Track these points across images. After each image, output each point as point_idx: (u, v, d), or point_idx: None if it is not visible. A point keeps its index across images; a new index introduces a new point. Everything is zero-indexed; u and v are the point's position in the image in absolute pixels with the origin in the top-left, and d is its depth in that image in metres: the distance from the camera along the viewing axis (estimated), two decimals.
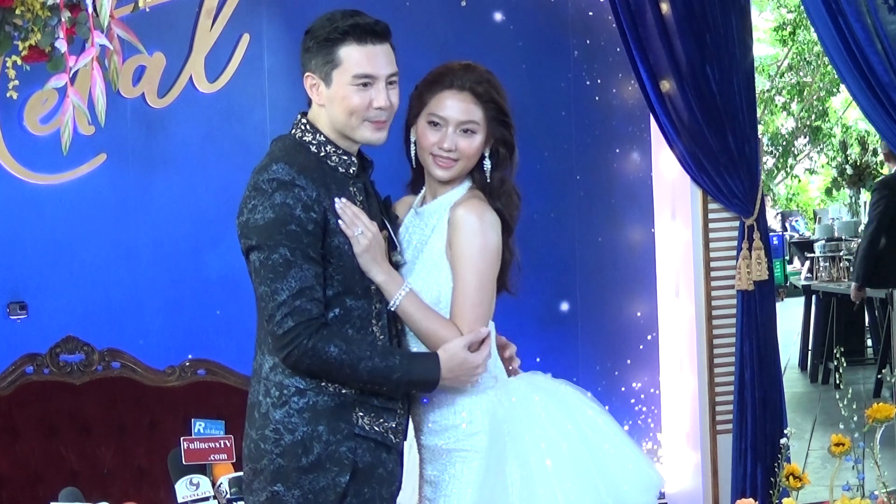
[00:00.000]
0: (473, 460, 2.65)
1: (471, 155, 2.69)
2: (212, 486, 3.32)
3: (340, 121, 2.59)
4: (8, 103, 4.05)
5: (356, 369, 2.50)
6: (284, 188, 2.49)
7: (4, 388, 4.03)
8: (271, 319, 2.49)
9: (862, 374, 8.34)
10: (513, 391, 2.71)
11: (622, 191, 4.92)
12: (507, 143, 2.73)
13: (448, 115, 2.66)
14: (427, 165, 2.71)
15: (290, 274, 2.47)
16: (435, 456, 2.71)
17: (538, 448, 2.63)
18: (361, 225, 2.55)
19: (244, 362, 4.08)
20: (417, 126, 2.71)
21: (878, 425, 3.41)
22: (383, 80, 2.58)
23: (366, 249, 2.56)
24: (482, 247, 2.63)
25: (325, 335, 2.48)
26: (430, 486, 2.73)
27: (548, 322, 4.81)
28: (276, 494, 2.54)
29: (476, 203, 2.67)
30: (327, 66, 2.56)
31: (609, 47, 4.83)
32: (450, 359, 2.58)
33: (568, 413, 2.71)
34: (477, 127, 2.68)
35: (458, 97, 2.67)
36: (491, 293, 2.67)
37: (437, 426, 2.69)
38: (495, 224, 2.66)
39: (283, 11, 4.51)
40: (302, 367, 2.51)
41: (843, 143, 12.21)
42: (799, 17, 15.51)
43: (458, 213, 2.64)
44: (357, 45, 2.55)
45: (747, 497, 4.25)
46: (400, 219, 2.80)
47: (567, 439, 2.65)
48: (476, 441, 2.66)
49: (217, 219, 4.38)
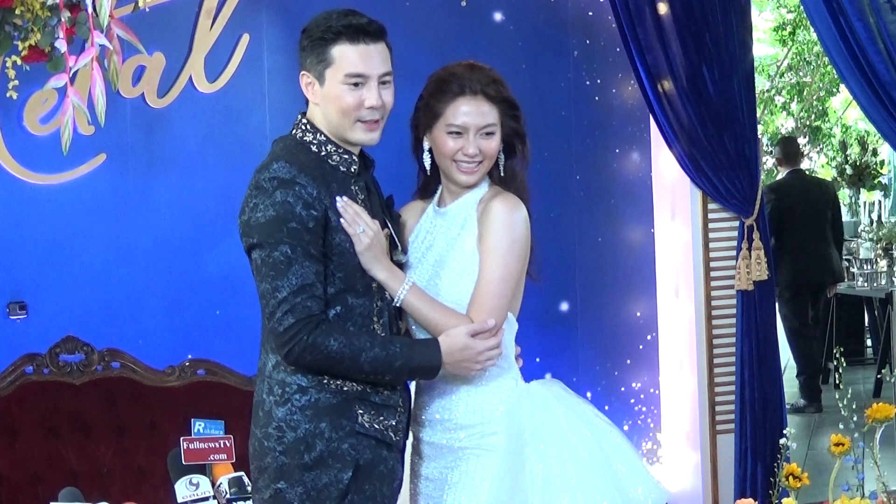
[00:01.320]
0: (489, 459, 2.65)
1: (492, 154, 2.72)
2: (211, 486, 3.32)
3: (333, 120, 2.60)
4: (8, 103, 4.05)
5: (357, 361, 2.50)
6: (285, 186, 2.50)
7: (4, 388, 4.03)
8: (272, 317, 2.50)
9: (862, 374, 8.34)
10: (534, 394, 2.71)
11: (622, 191, 4.92)
12: (519, 134, 2.75)
13: (468, 123, 2.67)
14: (449, 172, 2.72)
15: (290, 271, 2.48)
16: (441, 453, 2.70)
17: (559, 451, 2.63)
18: (363, 223, 2.56)
19: (244, 362, 4.10)
20: (433, 135, 2.71)
21: (878, 425, 3.41)
22: (375, 80, 2.58)
23: (367, 248, 2.56)
24: (512, 240, 2.65)
25: (325, 330, 2.49)
26: (432, 483, 2.72)
27: (548, 322, 4.81)
28: (280, 492, 2.54)
29: (510, 197, 2.69)
30: (321, 65, 2.58)
31: (609, 47, 4.83)
32: (451, 343, 2.57)
33: (586, 421, 2.72)
34: (495, 128, 2.70)
35: (472, 103, 2.68)
36: (513, 288, 2.67)
37: (450, 424, 2.68)
38: (526, 219, 2.69)
39: (283, 11, 4.50)
40: (303, 363, 2.51)
41: (842, 143, 12.20)
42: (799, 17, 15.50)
43: (493, 206, 2.66)
44: (350, 45, 2.56)
45: (747, 497, 4.25)
46: (403, 219, 2.81)
47: (587, 447, 2.66)
48: (493, 440, 2.65)
49: (217, 219, 4.38)
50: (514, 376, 2.73)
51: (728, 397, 4.61)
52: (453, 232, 2.71)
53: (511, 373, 2.73)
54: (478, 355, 2.59)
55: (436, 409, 2.70)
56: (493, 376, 2.69)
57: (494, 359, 2.63)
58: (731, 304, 4.62)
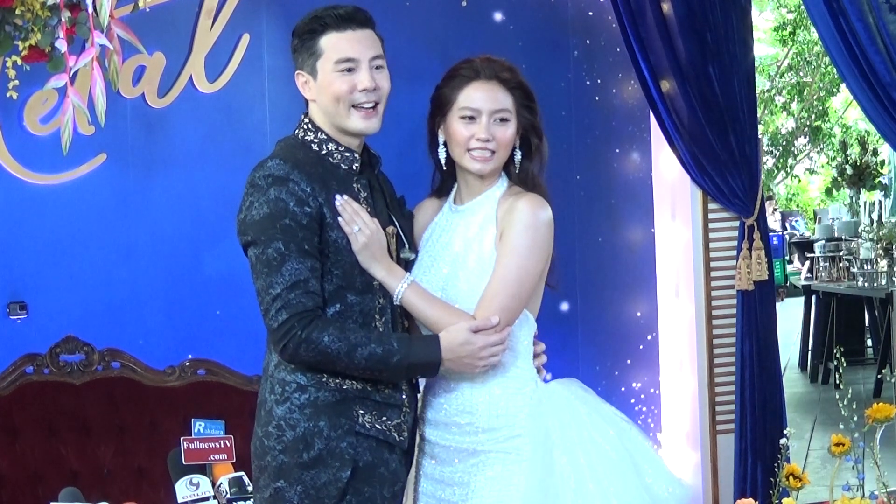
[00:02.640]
0: (515, 463, 2.61)
1: (506, 144, 2.67)
2: (212, 486, 3.32)
3: (330, 111, 2.60)
4: (8, 103, 4.05)
5: (353, 357, 2.49)
6: (278, 183, 2.50)
7: (4, 388, 4.03)
8: (267, 313, 2.50)
9: (862, 374, 8.35)
10: (556, 395, 2.68)
11: (622, 191, 4.92)
12: (536, 130, 2.73)
13: (481, 107, 2.65)
14: (463, 162, 2.68)
15: (284, 268, 2.48)
16: (460, 457, 2.66)
17: (587, 452, 2.61)
18: (360, 222, 2.55)
19: (244, 362, 4.11)
20: (447, 124, 2.68)
21: (878, 425, 3.40)
22: (366, 63, 2.59)
23: (364, 247, 2.55)
24: (532, 241, 2.61)
25: (319, 325, 2.48)
26: (450, 487, 2.67)
27: (548, 322, 4.77)
28: (280, 490, 2.55)
29: (536, 198, 2.65)
30: (312, 59, 2.60)
31: (609, 47, 4.83)
32: (451, 340, 2.55)
33: (611, 422, 2.70)
34: (509, 115, 2.67)
35: (486, 86, 2.66)
36: (529, 290, 2.64)
37: (470, 428, 2.64)
38: (551, 222, 2.65)
39: (283, 11, 4.50)
40: (299, 360, 2.51)
41: (843, 143, 12.20)
42: (799, 17, 15.53)
43: (519, 204, 2.63)
44: (337, 33, 2.58)
45: (747, 497, 4.24)
46: (415, 217, 2.80)
47: (613, 446, 2.64)
48: (518, 443, 2.62)
49: (217, 219, 4.38)
50: (533, 377, 2.70)
51: (728, 397, 4.61)
52: (472, 230, 2.68)
53: (531, 373, 2.70)
54: (479, 351, 2.56)
55: (455, 412, 2.66)
56: (513, 377, 2.66)
57: (498, 356, 2.59)
58: (731, 304, 4.62)
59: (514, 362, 2.67)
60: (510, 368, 2.66)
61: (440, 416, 2.69)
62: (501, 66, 2.69)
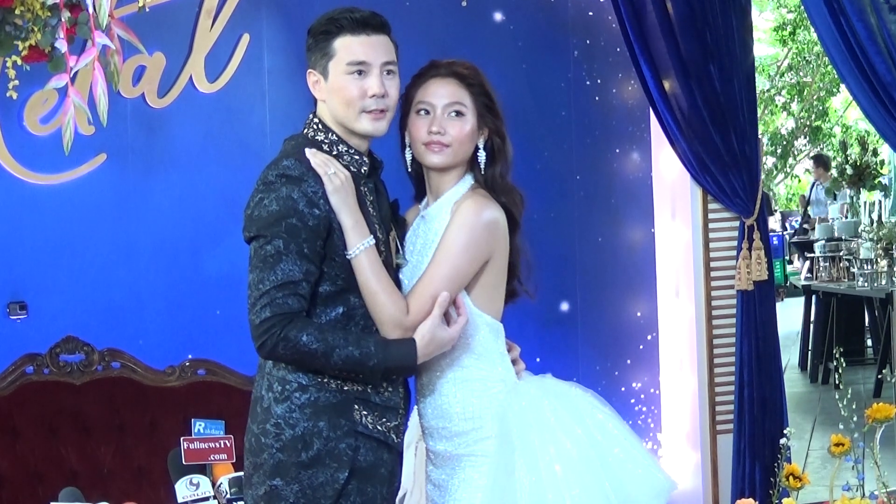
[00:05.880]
0: (482, 465, 2.65)
1: (462, 139, 2.67)
2: (212, 486, 3.32)
3: (340, 113, 2.61)
4: (8, 103, 4.05)
5: (330, 358, 2.49)
6: (291, 182, 2.51)
7: (4, 388, 4.03)
8: (252, 308, 2.50)
9: (862, 374, 8.34)
10: (523, 395, 2.68)
11: (622, 191, 4.92)
12: (498, 131, 2.72)
13: (434, 101, 2.66)
14: (422, 157, 2.69)
15: (278, 266, 2.48)
16: (444, 461, 2.71)
17: (548, 453, 2.61)
18: (333, 167, 2.55)
19: (244, 362, 4.10)
20: (409, 125, 2.70)
21: (878, 425, 3.41)
22: (378, 68, 2.59)
23: (337, 189, 2.53)
24: (468, 241, 2.61)
25: (299, 325, 2.48)
26: (437, 489, 2.73)
27: (548, 322, 4.81)
28: (275, 489, 2.55)
29: (480, 199, 2.65)
30: (324, 59, 2.60)
31: (609, 47, 4.83)
32: (426, 343, 2.57)
33: (578, 417, 2.69)
34: (465, 109, 2.67)
35: (442, 82, 2.68)
36: (458, 290, 2.63)
37: (446, 432, 2.69)
38: (491, 224, 2.64)
39: (283, 11, 4.51)
40: (276, 357, 2.52)
41: (843, 143, 12.18)
42: (799, 17, 15.53)
43: (462, 204, 2.64)
44: (352, 36, 2.59)
45: (747, 497, 4.25)
46: (408, 224, 2.80)
47: (577, 444, 2.63)
48: (485, 446, 2.65)
49: (217, 219, 4.38)
50: (500, 378, 2.70)
51: (728, 397, 4.61)
52: (429, 236, 2.70)
53: (496, 374, 2.70)
54: (448, 343, 2.59)
55: (432, 417, 2.70)
56: (480, 380, 2.67)
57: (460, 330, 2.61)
58: (731, 304, 4.62)
59: (479, 365, 2.69)
60: (476, 372, 2.68)
61: (426, 422, 2.74)
62: (462, 64, 2.72)
